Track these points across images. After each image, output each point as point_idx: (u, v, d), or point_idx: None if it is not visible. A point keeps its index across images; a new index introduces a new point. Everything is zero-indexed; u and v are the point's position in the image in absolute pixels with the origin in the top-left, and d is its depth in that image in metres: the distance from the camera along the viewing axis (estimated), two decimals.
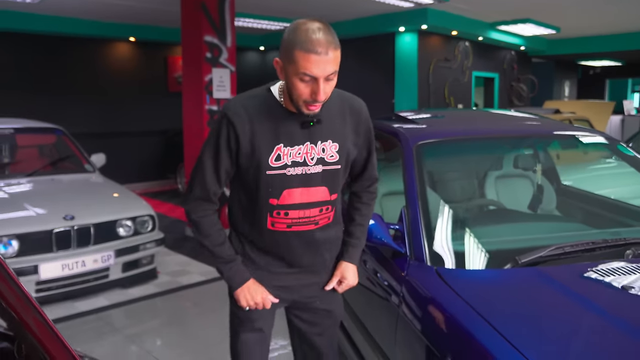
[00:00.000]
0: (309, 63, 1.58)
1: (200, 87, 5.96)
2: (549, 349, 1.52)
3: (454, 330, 1.73)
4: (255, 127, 1.74)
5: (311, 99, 1.64)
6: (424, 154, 2.52)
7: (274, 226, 1.88)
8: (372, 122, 3.34)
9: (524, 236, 2.26)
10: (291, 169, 1.79)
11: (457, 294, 1.85)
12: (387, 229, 2.24)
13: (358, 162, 1.97)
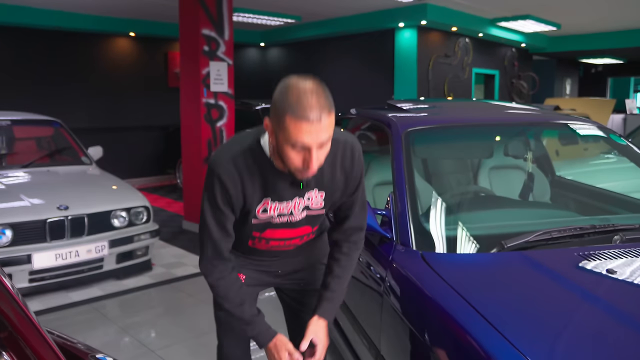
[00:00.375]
0: (300, 132, 1.47)
1: (197, 80, 5.96)
2: (533, 331, 1.50)
3: (438, 315, 1.71)
4: (245, 184, 1.68)
5: (303, 167, 1.56)
6: (413, 141, 2.51)
7: (254, 245, 1.92)
8: (364, 111, 3.35)
9: (512, 222, 2.24)
10: (276, 219, 1.79)
11: (442, 278, 1.84)
12: (374, 214, 2.23)
13: (344, 207, 1.88)
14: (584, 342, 1.48)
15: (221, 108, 6.14)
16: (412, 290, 1.92)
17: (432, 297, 1.78)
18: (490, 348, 1.44)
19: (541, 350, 1.42)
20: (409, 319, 1.87)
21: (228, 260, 1.82)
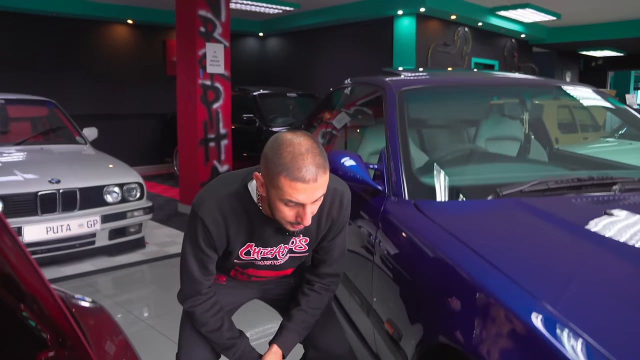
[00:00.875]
0: (296, 192, 1.42)
1: (193, 61, 5.90)
2: (534, 268, 1.44)
3: (433, 259, 1.66)
4: (229, 228, 1.63)
5: (296, 221, 1.51)
6: (407, 100, 2.45)
7: (235, 277, 1.89)
8: (361, 79, 3.30)
9: (507, 174, 2.18)
10: (260, 262, 1.75)
11: (436, 223, 1.79)
12: (366, 168, 2.18)
13: (322, 251, 1.82)
14: (585, 276, 1.42)
15: (217, 90, 6.08)
16: (404, 237, 1.87)
17: (425, 241, 1.73)
18: (490, 286, 1.37)
19: (543, 285, 1.34)
20: (401, 267, 1.82)
21: (206, 294, 1.76)
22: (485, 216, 1.83)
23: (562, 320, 1.18)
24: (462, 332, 1.36)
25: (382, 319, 1.96)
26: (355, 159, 2.18)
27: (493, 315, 1.31)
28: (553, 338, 1.15)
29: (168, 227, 5.59)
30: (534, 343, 1.17)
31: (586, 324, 1.16)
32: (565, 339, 1.13)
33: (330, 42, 9.96)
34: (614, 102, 2.77)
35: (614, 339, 1.14)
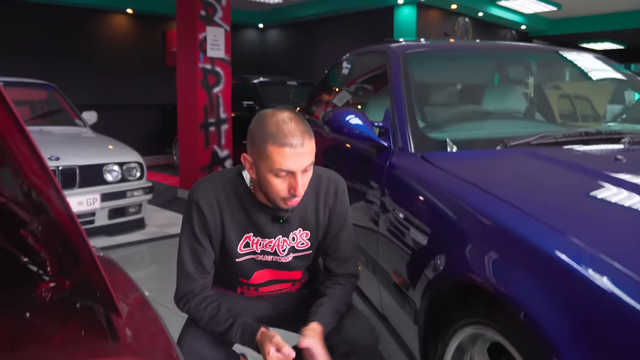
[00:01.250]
0: (284, 158, 1.44)
1: (194, 45, 5.87)
2: (552, 206, 1.41)
3: (446, 203, 1.61)
4: (224, 216, 1.62)
5: (289, 194, 1.51)
6: (411, 62, 2.42)
7: (243, 295, 1.81)
8: (362, 49, 3.27)
9: (514, 130, 2.15)
10: (260, 256, 1.70)
11: (444, 170, 1.76)
12: (371, 125, 2.15)
13: (330, 251, 1.76)
14: (605, 212, 1.39)
15: (218, 74, 6.05)
16: (412, 186, 1.84)
17: (436, 187, 1.70)
18: (510, 223, 1.33)
19: (565, 220, 1.30)
20: (410, 216, 1.79)
21: (201, 292, 1.67)
22: (495, 163, 1.80)
23: (590, 250, 1.14)
24: (482, 270, 1.31)
25: (388, 272, 1.93)
26: (360, 117, 2.16)
27: (516, 250, 1.26)
28: (581, 267, 1.10)
29: (168, 210, 5.56)
30: (561, 273, 1.13)
31: (615, 253, 1.12)
32: (595, 269, 1.08)
33: (330, 33, 9.93)
34: (620, 69, 2.74)
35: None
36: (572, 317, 1.08)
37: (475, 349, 1.47)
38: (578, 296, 1.09)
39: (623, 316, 1.00)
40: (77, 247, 0.95)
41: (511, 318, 1.23)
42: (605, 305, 1.04)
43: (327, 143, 2.96)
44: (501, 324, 1.28)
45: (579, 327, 1.07)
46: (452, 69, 2.55)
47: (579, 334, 1.06)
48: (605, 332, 1.03)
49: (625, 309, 1.00)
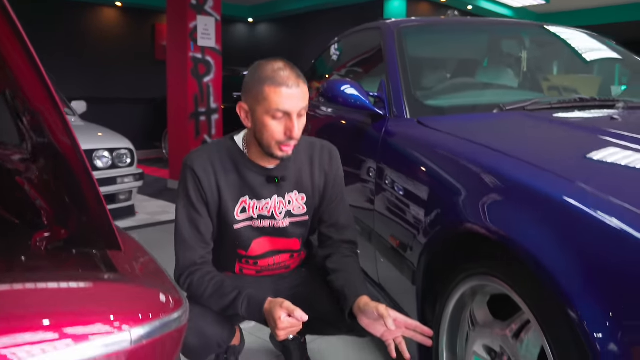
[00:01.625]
0: (281, 98, 1.47)
1: (184, 34, 5.83)
2: (555, 157, 1.41)
3: (446, 160, 1.60)
4: (220, 180, 1.62)
5: (285, 137, 1.52)
6: (405, 35, 2.42)
7: (242, 272, 1.79)
8: (354, 29, 3.27)
9: (509, 98, 2.15)
10: (257, 221, 1.68)
11: (441, 131, 1.76)
12: (366, 94, 2.14)
13: (326, 218, 1.76)
14: (608, 161, 1.38)
15: (208, 63, 6.02)
16: (410, 147, 1.83)
17: (435, 147, 1.69)
18: (515, 173, 1.31)
19: (571, 169, 1.29)
20: (407, 177, 1.78)
21: (202, 264, 1.64)
22: (492, 123, 1.80)
23: (596, 193, 1.12)
24: (487, 218, 1.28)
25: (385, 237, 1.92)
26: (355, 87, 2.15)
27: (520, 196, 1.25)
28: (589, 208, 1.08)
29: (159, 199, 5.53)
30: (568, 216, 1.11)
31: (621, 194, 1.09)
32: (607, 211, 1.05)
33: (319, 26, 9.92)
34: (611, 45, 2.76)
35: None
36: (582, 259, 1.05)
37: (475, 304, 1.47)
38: (586, 238, 1.06)
39: (635, 254, 0.96)
40: (79, 180, 0.93)
41: (516, 266, 1.22)
42: (616, 244, 1.00)
43: (321, 123, 2.95)
44: (505, 272, 1.27)
45: (589, 268, 1.03)
46: (445, 42, 2.55)
47: (589, 275, 1.02)
48: (618, 273, 0.99)
49: (638, 246, 0.96)
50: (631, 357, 0.93)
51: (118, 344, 0.75)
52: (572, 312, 1.02)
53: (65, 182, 0.98)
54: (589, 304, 1.00)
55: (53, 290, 0.86)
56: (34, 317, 0.74)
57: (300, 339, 2.02)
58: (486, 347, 1.43)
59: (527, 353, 1.26)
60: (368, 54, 2.87)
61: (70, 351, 0.70)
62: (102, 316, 0.78)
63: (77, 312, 0.79)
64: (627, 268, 0.97)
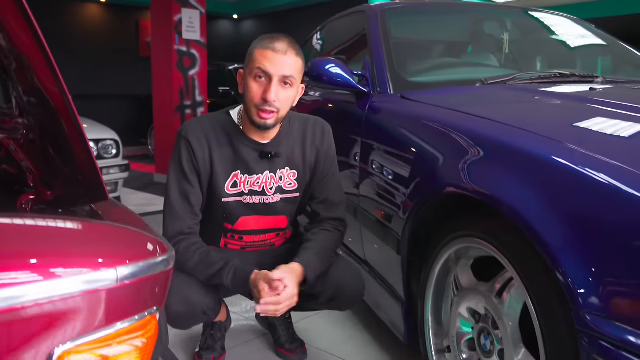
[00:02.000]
0: (265, 58, 1.52)
1: (169, 26, 5.81)
2: (539, 121, 1.43)
3: (431, 129, 1.62)
4: (213, 151, 1.63)
5: (261, 100, 1.53)
6: (389, 17, 2.43)
7: (226, 246, 1.80)
8: (336, 15, 3.28)
9: (493, 74, 2.17)
10: (248, 197, 1.69)
11: (425, 103, 1.78)
12: (351, 73, 2.16)
13: (317, 193, 1.78)
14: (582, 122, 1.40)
15: (193, 56, 6.00)
16: (394, 120, 1.85)
17: (419, 117, 1.71)
18: (504, 137, 1.32)
19: (556, 131, 1.28)
20: (392, 148, 1.79)
21: (190, 234, 1.64)
22: (475, 94, 1.82)
23: (580, 151, 1.12)
24: (471, 178, 1.30)
25: (370, 211, 1.94)
26: (340, 66, 2.16)
27: (506, 157, 1.26)
28: (574, 165, 1.08)
29: (145, 192, 5.50)
30: (550, 172, 1.12)
31: (604, 152, 1.09)
32: (589, 167, 1.05)
33: (305, 23, 9.92)
34: (593, 29, 2.79)
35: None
36: (565, 214, 1.05)
37: (459, 268, 1.49)
38: (570, 193, 1.07)
39: (618, 207, 0.96)
40: (67, 129, 0.93)
41: (499, 224, 1.24)
42: (598, 199, 1.00)
43: (308, 107, 2.96)
44: (489, 232, 1.29)
45: (571, 223, 1.03)
46: (428, 23, 2.57)
47: (572, 230, 1.03)
48: (600, 227, 0.99)
49: (622, 198, 0.96)
50: (612, 309, 0.94)
51: (104, 281, 0.75)
52: (555, 266, 1.03)
53: (53, 135, 0.99)
54: (572, 258, 1.01)
55: (38, 230, 0.87)
56: (19, 254, 0.75)
57: (286, 316, 2.03)
58: (470, 310, 1.45)
59: (510, 310, 1.28)
60: (353, 38, 2.88)
61: (56, 283, 0.70)
62: (89, 255, 0.78)
63: (63, 251, 0.79)
64: (608, 222, 0.98)
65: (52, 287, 0.70)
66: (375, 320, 2.15)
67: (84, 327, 0.74)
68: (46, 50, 0.81)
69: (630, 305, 0.92)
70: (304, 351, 1.98)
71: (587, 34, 2.82)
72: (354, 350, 2.05)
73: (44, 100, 0.92)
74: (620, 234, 0.96)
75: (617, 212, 0.97)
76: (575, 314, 0.99)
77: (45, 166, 1.12)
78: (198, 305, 1.63)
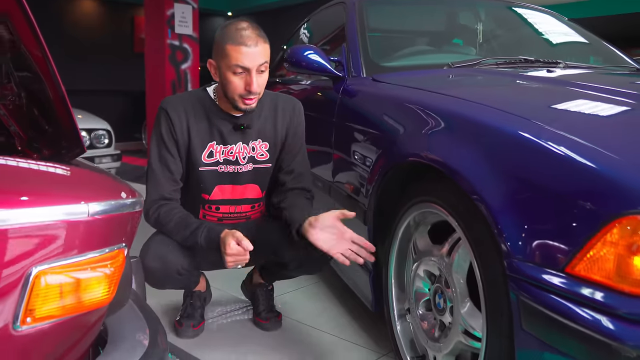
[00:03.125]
0: (240, 54, 1.65)
1: (162, 21, 5.91)
2: (505, 99, 1.53)
3: (394, 105, 1.74)
4: (190, 123, 1.78)
5: (245, 91, 1.68)
6: (366, 8, 2.53)
7: (205, 218, 1.92)
8: (323, 6, 3.39)
9: (460, 59, 2.29)
10: (223, 167, 1.83)
11: (394, 84, 1.89)
12: (328, 59, 2.27)
13: (285, 165, 1.90)
14: (534, 97, 1.53)
15: (186, 50, 6.10)
16: (362, 101, 1.97)
17: (384, 95, 1.83)
18: (447, 108, 1.45)
19: (524, 109, 1.34)
20: (362, 126, 1.90)
21: (170, 200, 1.78)
22: (439, 76, 1.93)
23: (578, 138, 1.11)
24: (427, 150, 1.41)
25: (341, 187, 2.05)
26: (317, 52, 2.26)
27: (457, 128, 1.38)
28: (512, 131, 1.18)
29: (137, 183, 5.59)
30: (495, 140, 1.22)
31: (580, 133, 1.14)
32: (527, 132, 1.15)
33: (297, 19, 10.01)
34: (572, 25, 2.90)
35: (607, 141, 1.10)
36: (501, 178, 1.16)
37: (418, 233, 1.60)
38: (507, 158, 1.18)
39: (544, 167, 1.07)
40: (52, 95, 1.04)
41: (450, 190, 1.35)
42: (533, 163, 1.10)
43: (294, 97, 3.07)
44: (441, 197, 1.39)
45: (507, 186, 1.14)
46: (404, 13, 2.69)
47: (507, 192, 1.14)
48: (533, 188, 1.09)
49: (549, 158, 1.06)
50: (533, 255, 1.05)
51: (77, 214, 0.86)
52: (492, 222, 1.15)
53: (38, 98, 1.09)
54: (505, 215, 1.13)
55: (25, 171, 0.97)
56: (8, 188, 0.85)
57: (268, 286, 2.14)
58: (427, 272, 1.56)
59: (458, 268, 1.40)
60: (334, 29, 3.00)
61: (36, 211, 0.81)
62: (65, 191, 0.90)
63: (45, 188, 0.90)
64: (536, 182, 1.10)
65: (33, 214, 0.81)
66: (350, 294, 2.26)
67: (59, 252, 0.85)
68: (28, 12, 0.92)
69: (546, 252, 1.04)
70: (279, 321, 2.09)
71: (566, 30, 2.93)
72: (327, 321, 2.17)
73: (30, 66, 1.03)
74: (544, 192, 1.07)
75: (543, 171, 1.09)
76: (506, 260, 1.10)
77: (32, 129, 1.23)
78: (173, 264, 1.74)
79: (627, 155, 1.02)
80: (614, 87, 1.58)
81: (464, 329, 1.37)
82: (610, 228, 0.94)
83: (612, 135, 1.17)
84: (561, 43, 2.83)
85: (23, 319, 0.82)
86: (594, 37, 2.79)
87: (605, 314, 0.94)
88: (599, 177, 0.98)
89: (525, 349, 1.09)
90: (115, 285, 0.93)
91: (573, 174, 1.02)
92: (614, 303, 0.94)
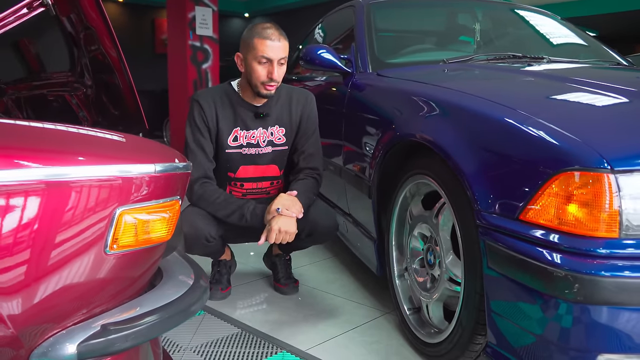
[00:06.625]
0: (265, 47, 1.97)
1: (184, 23, 6.25)
2: (494, 90, 1.79)
3: (394, 95, 2.03)
4: (218, 112, 2.12)
5: (268, 78, 2.01)
6: (375, 10, 2.83)
7: (231, 194, 2.24)
8: (334, 9, 3.68)
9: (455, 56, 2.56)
10: (246, 149, 2.16)
11: (395, 77, 2.18)
12: (339, 57, 2.56)
13: (299, 146, 2.22)
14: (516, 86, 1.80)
15: (206, 51, 6.44)
16: (368, 92, 2.26)
17: (385, 88, 2.12)
18: (439, 96, 1.74)
19: (509, 98, 1.58)
20: (368, 114, 2.19)
21: (212, 179, 2.13)
22: (435, 70, 2.22)
23: (533, 116, 1.36)
24: (421, 131, 1.70)
25: (350, 168, 2.35)
26: (329, 51, 2.56)
27: (446, 112, 1.65)
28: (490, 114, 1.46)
29: None
30: (475, 123, 1.50)
31: (520, 105, 1.44)
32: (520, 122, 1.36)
33: (311, 20, 10.27)
34: (566, 25, 3.16)
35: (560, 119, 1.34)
36: (474, 150, 1.45)
37: (413, 203, 1.89)
38: (478, 134, 1.46)
39: (509, 139, 1.35)
40: (122, 86, 1.34)
41: (439, 164, 1.64)
42: (504, 140, 1.38)
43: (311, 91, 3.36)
44: (432, 170, 1.68)
45: (478, 156, 1.43)
46: (410, 15, 2.97)
47: (478, 160, 1.43)
48: (502, 162, 1.36)
49: (513, 133, 1.35)
50: (495, 207, 1.34)
51: (148, 172, 1.16)
52: (466, 185, 1.44)
53: (111, 89, 1.39)
54: (476, 178, 1.42)
55: (110, 141, 1.28)
56: (105, 152, 1.16)
57: (286, 257, 2.44)
58: (420, 234, 1.86)
59: (444, 226, 1.69)
60: (345, 29, 3.29)
61: (121, 167, 1.11)
62: (139, 155, 1.20)
63: (125, 152, 1.21)
64: (502, 154, 1.38)
65: (119, 169, 1.11)
66: (359, 266, 2.55)
67: (135, 198, 1.15)
68: (109, 24, 1.22)
69: (505, 205, 1.32)
70: (296, 286, 2.39)
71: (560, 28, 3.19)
72: (338, 287, 2.46)
73: (106, 63, 1.33)
74: (504, 160, 1.37)
75: (504, 144, 1.38)
76: (476, 214, 1.39)
77: (100, 114, 1.54)
78: (202, 230, 2.05)
79: (568, 127, 1.30)
80: (585, 78, 1.86)
81: (448, 276, 1.66)
82: (551, 183, 1.22)
83: (566, 114, 1.46)
84: (553, 40, 3.08)
85: (111, 245, 1.12)
86: (585, 34, 3.05)
87: (550, 249, 1.23)
88: (544, 145, 1.27)
89: (491, 283, 1.37)
90: (173, 227, 1.24)
91: (524, 143, 1.32)
92: (555, 241, 1.22)
